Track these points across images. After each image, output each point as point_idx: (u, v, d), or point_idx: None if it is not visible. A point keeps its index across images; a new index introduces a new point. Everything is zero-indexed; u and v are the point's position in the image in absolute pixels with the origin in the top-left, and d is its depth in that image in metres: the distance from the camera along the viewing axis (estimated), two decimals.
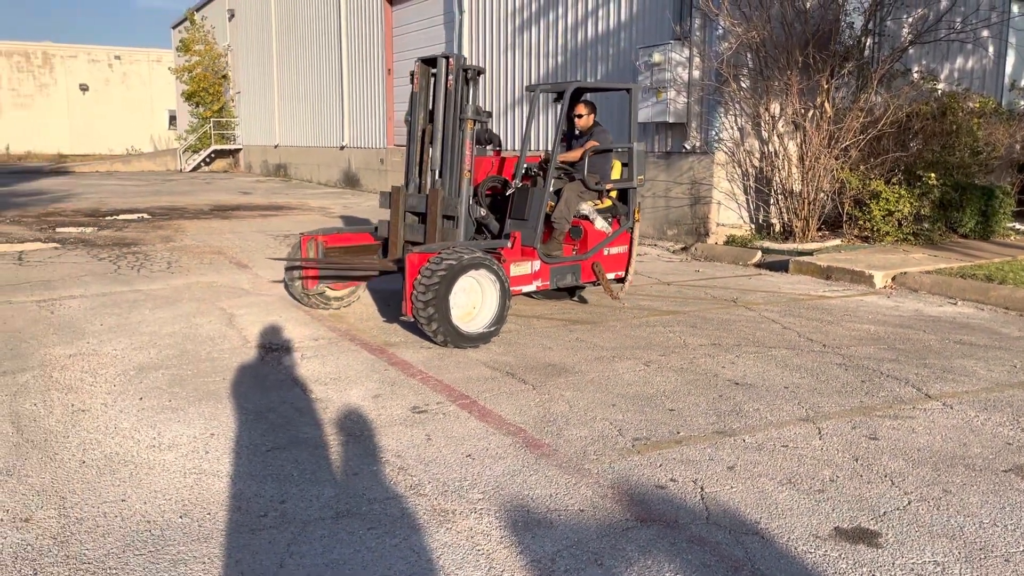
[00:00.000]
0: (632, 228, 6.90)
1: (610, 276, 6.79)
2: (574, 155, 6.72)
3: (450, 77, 6.10)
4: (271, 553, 2.88)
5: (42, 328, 6.07)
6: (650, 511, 3.20)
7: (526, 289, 6.32)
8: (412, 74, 6.41)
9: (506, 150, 14.14)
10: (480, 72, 6.31)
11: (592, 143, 6.72)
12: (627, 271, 6.93)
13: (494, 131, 15.11)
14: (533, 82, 13.79)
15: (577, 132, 7.07)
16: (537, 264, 6.31)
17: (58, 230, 12.08)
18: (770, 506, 3.23)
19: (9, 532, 3.00)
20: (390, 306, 6.94)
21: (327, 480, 3.49)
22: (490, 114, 6.35)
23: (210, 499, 3.29)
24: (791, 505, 3.24)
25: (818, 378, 4.93)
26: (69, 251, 9.94)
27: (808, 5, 9.71)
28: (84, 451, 3.76)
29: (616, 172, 6.93)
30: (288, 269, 6.58)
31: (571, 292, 7.23)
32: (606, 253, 6.77)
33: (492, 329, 5.74)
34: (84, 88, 52.62)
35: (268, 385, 4.80)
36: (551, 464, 3.64)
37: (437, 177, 6.25)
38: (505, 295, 5.78)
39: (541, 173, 6.57)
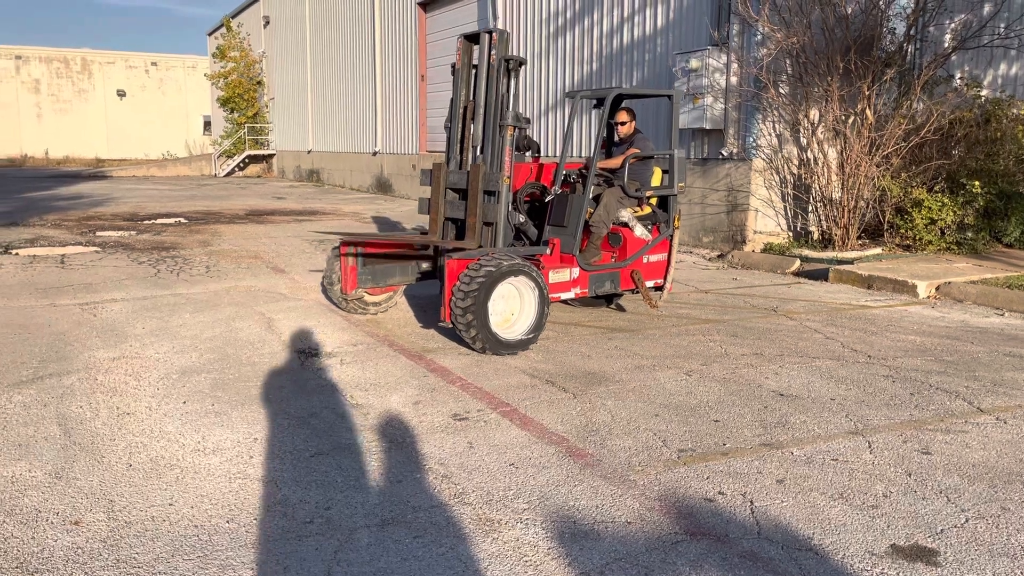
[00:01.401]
0: (672, 236, 6.83)
1: (648, 284, 6.73)
2: (615, 162, 6.67)
3: (493, 52, 6.00)
4: (318, 560, 2.87)
5: (85, 331, 6.15)
6: (699, 525, 3.14)
7: (564, 296, 6.28)
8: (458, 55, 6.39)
9: (543, 156, 14.13)
10: (522, 63, 6.22)
11: (633, 150, 6.67)
12: (665, 279, 6.86)
13: (532, 137, 15.11)
14: (568, 88, 13.76)
15: (617, 139, 7.03)
16: (576, 271, 6.27)
17: (98, 234, 12.27)
18: (823, 521, 3.16)
19: (60, 535, 3.02)
20: (427, 312, 6.95)
21: (371, 487, 3.48)
22: (528, 120, 6.32)
23: (256, 504, 3.29)
24: (844, 521, 3.17)
25: (865, 390, 4.83)
26: (109, 255, 10.09)
27: (849, 11, 9.58)
28: (131, 454, 3.79)
29: (656, 179, 6.88)
30: (338, 252, 6.46)
31: (608, 299, 7.18)
32: (645, 261, 6.71)
33: (531, 336, 5.71)
34: (121, 94, 53.56)
35: (309, 390, 4.81)
36: (596, 474, 3.60)
37: (479, 153, 6.19)
38: (544, 302, 5.74)
39: (580, 180, 6.54)
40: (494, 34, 6.07)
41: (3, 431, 4.04)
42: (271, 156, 34.70)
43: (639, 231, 6.66)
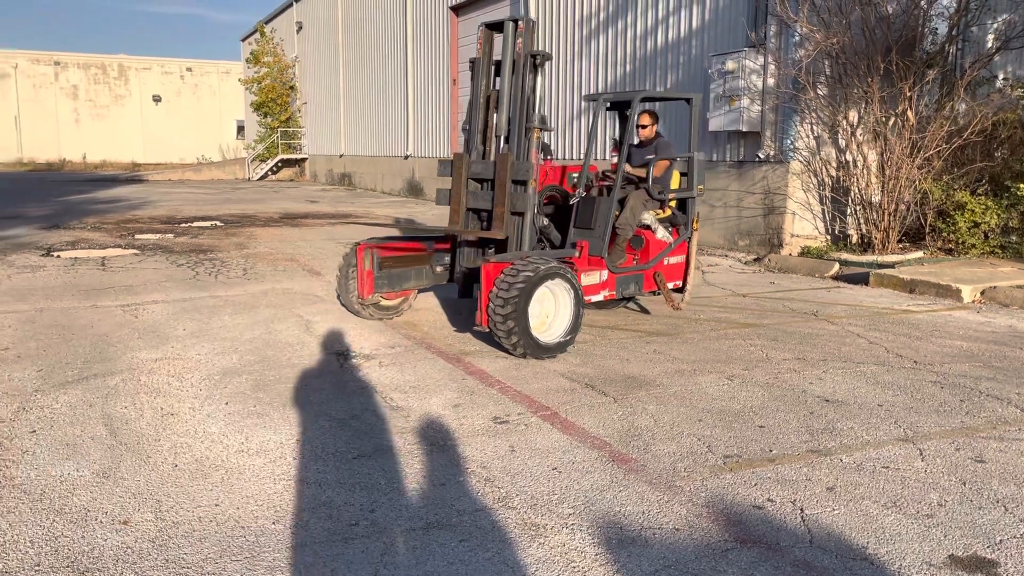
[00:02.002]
0: (690, 238, 6.85)
1: (669, 286, 6.74)
2: (640, 172, 6.61)
3: (519, 40, 5.93)
4: (365, 563, 2.86)
5: (127, 332, 6.23)
6: (749, 532, 3.08)
7: (594, 299, 6.25)
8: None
9: (565, 159, 14.08)
10: (548, 58, 6.15)
11: (660, 157, 6.62)
12: (685, 281, 6.90)
13: (564, 140, 15.09)
14: (601, 90, 13.71)
15: (638, 141, 6.99)
16: (605, 274, 6.25)
17: (137, 236, 12.45)
18: (877, 531, 3.09)
19: (109, 534, 3.04)
20: (461, 314, 6.94)
21: (414, 490, 3.47)
22: (544, 119, 6.23)
23: (301, 506, 3.30)
24: (899, 530, 3.09)
25: (913, 396, 4.73)
26: (148, 257, 10.22)
27: (890, 11, 9.42)
28: (176, 455, 3.81)
29: (675, 182, 6.86)
30: (353, 255, 6.38)
31: (625, 299, 7.14)
32: (665, 263, 6.72)
33: (568, 339, 5.68)
34: (157, 99, 54.42)
35: (348, 392, 4.82)
36: (641, 480, 3.55)
37: (504, 143, 6.09)
38: (579, 304, 5.72)
39: (602, 182, 6.58)
40: (520, 22, 5.98)
41: (51, 430, 4.10)
42: (304, 160, 35.03)
43: (661, 233, 6.68)
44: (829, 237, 10.28)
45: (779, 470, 3.65)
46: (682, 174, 6.91)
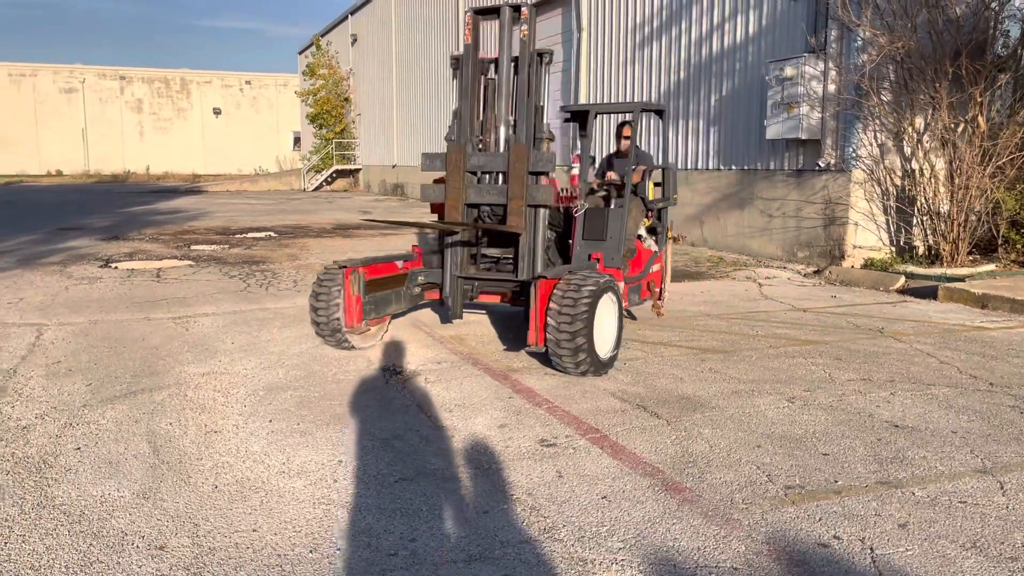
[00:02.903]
0: (666, 246, 6.99)
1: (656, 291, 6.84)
2: (636, 177, 6.62)
3: (524, 27, 5.67)
4: None
5: (177, 345, 6.24)
6: (813, 573, 2.86)
7: None
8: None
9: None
10: (551, 58, 5.90)
11: (657, 170, 6.85)
12: (662, 288, 7.01)
13: (613, 147, 14.90)
14: (654, 98, 13.48)
15: (617, 151, 7.09)
16: (622, 285, 6.08)
17: (192, 248, 12.63)
18: (955, 574, 2.84)
19: (145, 560, 2.97)
20: (507, 328, 6.80)
21: (457, 517, 3.33)
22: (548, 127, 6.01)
23: (339, 533, 3.18)
24: (980, 574, 2.84)
25: (990, 422, 4.42)
26: (202, 269, 10.34)
27: (959, 13, 9.02)
28: (217, 475, 3.74)
29: (651, 192, 6.77)
30: (338, 277, 5.79)
31: None
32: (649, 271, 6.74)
33: (614, 353, 5.52)
34: (217, 112, 55.79)
35: (393, 410, 4.71)
36: (695, 512, 3.35)
37: (511, 132, 5.80)
38: (621, 317, 5.62)
39: (600, 192, 6.52)
40: (524, 8, 5.71)
41: (95, 447, 4.07)
42: (357, 171, 35.42)
43: (648, 242, 6.71)
44: (894, 249, 9.87)
45: (846, 503, 3.41)
46: (656, 184, 6.90)
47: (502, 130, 5.81)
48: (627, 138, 6.85)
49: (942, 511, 3.33)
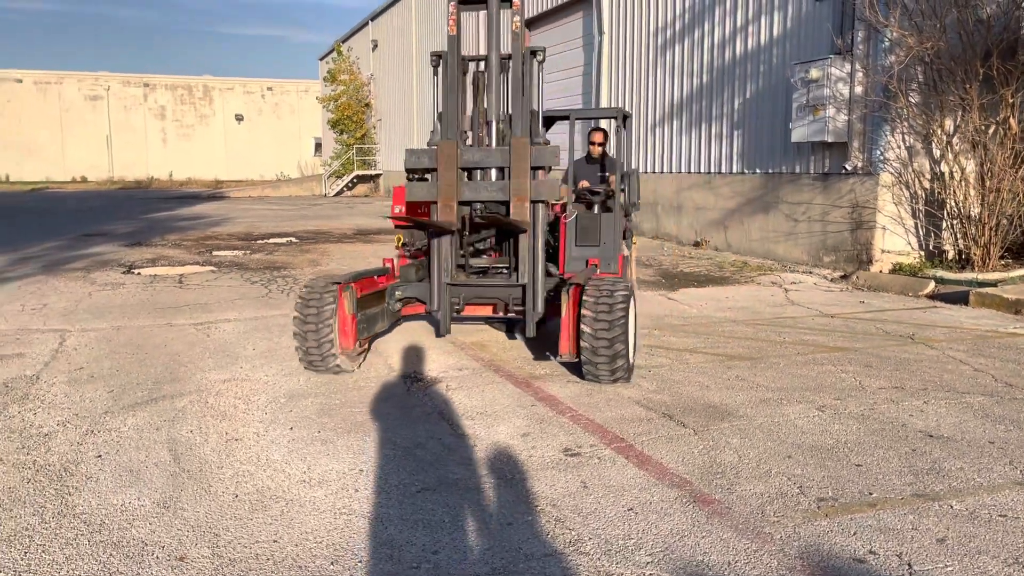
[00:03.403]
0: (632, 250, 7.03)
1: None
2: (612, 180, 6.63)
3: (516, 18, 5.38)
4: None
5: (199, 352, 6.23)
6: None
7: None
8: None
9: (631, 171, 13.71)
10: (544, 58, 5.67)
11: (612, 175, 6.73)
12: None
13: (636, 152, 14.79)
14: (676, 102, 13.37)
15: (588, 156, 7.08)
16: None
17: (214, 253, 12.68)
18: None
19: (165, 571, 2.92)
20: (528, 338, 6.71)
21: (480, 529, 3.26)
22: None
23: (360, 544, 3.12)
24: None
25: None
26: (224, 274, 10.36)
27: (989, 13, 8.84)
28: (237, 484, 3.70)
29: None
30: (330, 294, 5.31)
31: (510, 325, 6.77)
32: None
33: (635, 359, 5.43)
34: (239, 118, 56.28)
35: (414, 418, 4.65)
36: (725, 525, 3.25)
37: (507, 127, 5.51)
38: (637, 322, 5.56)
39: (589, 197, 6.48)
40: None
41: (116, 455, 4.05)
42: (378, 176, 35.53)
43: (624, 248, 6.68)
44: (923, 253, 9.69)
45: (881, 517, 3.30)
46: (620, 190, 6.78)
47: (494, 126, 5.52)
48: (600, 144, 6.95)
49: (982, 525, 3.21)
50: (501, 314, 5.81)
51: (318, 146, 49.05)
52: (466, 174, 5.52)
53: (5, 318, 7.48)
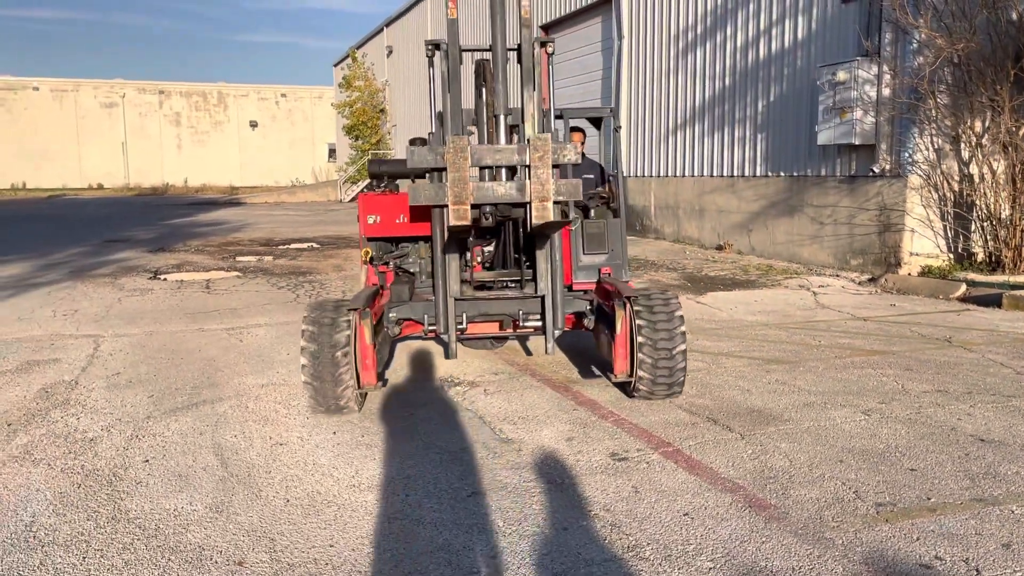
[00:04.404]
0: None
1: None
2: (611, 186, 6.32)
3: (525, 2, 4.86)
4: None
5: (234, 356, 6.24)
6: None
7: None
8: None
9: (659, 176, 13.68)
10: (554, 50, 5.30)
11: (611, 178, 6.34)
12: None
13: (657, 156, 14.74)
14: (697, 105, 13.33)
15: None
16: None
17: (238, 259, 12.72)
18: None
19: None
20: (564, 340, 6.67)
21: (536, 534, 3.23)
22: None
23: (419, 549, 3.10)
24: None
25: None
26: (250, 279, 10.38)
27: (1020, 13, 8.77)
28: (287, 488, 3.69)
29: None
30: (344, 320, 4.62)
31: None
32: None
33: None
34: (254, 124, 56.52)
35: (456, 422, 4.64)
36: (785, 530, 3.22)
37: (518, 121, 4.95)
38: None
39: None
40: None
41: (164, 460, 4.05)
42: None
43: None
44: (952, 255, 9.61)
45: (942, 522, 3.25)
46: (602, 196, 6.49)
47: (502, 120, 4.86)
48: (581, 143, 6.48)
49: None
50: (510, 331, 5.21)
51: (332, 152, 49.22)
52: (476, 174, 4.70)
53: (38, 324, 7.52)
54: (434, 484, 3.74)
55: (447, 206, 4.43)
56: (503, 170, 4.80)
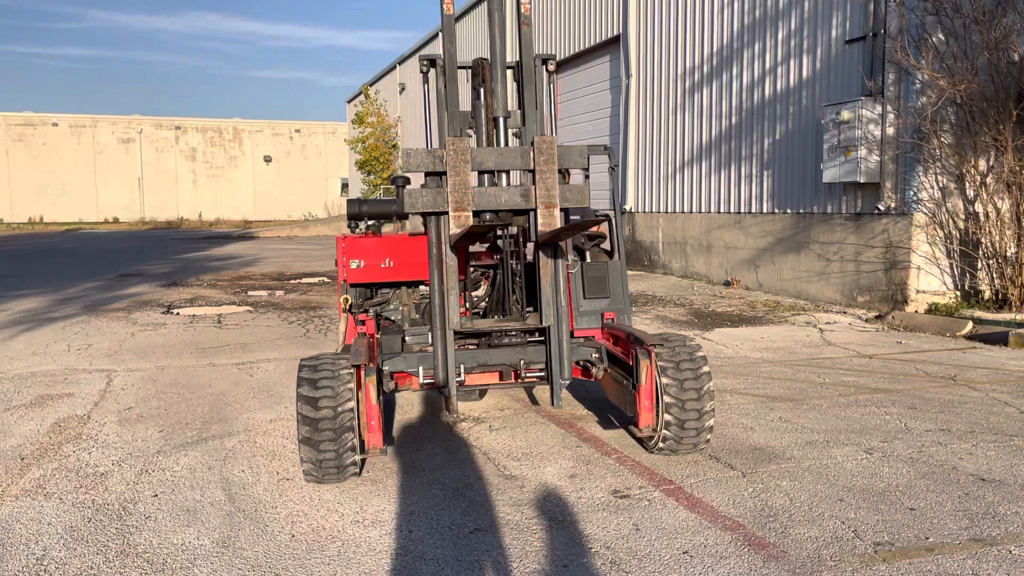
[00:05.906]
0: None
1: None
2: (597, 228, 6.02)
3: (525, 3, 4.70)
4: None
5: (243, 391, 6.32)
6: None
7: None
8: None
9: (667, 211, 13.80)
10: (555, 67, 5.12)
11: (600, 216, 6.04)
12: None
13: (664, 192, 14.86)
14: (704, 143, 13.49)
15: None
16: None
17: (250, 293, 12.86)
18: None
19: None
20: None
21: (537, 571, 3.28)
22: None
23: None
24: None
25: None
26: (261, 314, 10.51)
27: (1021, 55, 8.89)
28: (292, 523, 3.75)
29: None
30: (346, 376, 4.15)
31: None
32: None
33: None
34: (268, 159, 57.21)
35: (461, 458, 4.69)
36: (783, 569, 3.25)
37: (521, 125, 4.74)
38: None
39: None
40: None
41: (172, 495, 4.12)
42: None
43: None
44: (958, 293, 9.64)
45: (940, 562, 3.28)
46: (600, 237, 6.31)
47: (502, 123, 4.66)
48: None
49: None
50: (511, 381, 4.71)
51: (345, 186, 49.70)
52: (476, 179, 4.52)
53: (52, 358, 7.64)
54: (437, 520, 3.79)
55: (447, 213, 4.17)
56: (503, 175, 4.55)
